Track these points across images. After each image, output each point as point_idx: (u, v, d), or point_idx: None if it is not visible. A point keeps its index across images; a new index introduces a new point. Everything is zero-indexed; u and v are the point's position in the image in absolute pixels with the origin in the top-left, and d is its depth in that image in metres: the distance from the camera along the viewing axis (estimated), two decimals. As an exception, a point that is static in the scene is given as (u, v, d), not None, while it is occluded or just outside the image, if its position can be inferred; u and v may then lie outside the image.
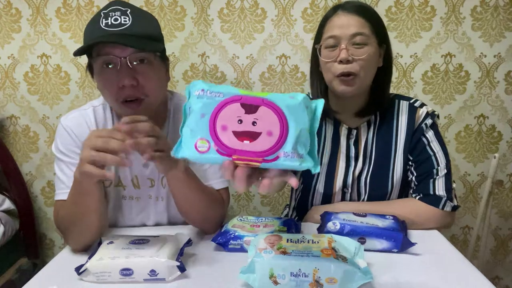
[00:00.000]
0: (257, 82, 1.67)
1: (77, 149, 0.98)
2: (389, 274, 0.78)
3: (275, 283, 0.70)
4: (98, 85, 0.93)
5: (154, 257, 0.76)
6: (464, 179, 1.73)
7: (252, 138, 0.55)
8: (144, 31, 0.89)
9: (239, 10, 1.60)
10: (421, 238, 0.91)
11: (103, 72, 0.89)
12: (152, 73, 0.92)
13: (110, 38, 0.85)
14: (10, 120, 1.76)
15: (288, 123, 0.55)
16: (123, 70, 0.87)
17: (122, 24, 0.86)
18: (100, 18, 0.87)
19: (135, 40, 0.86)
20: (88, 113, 1.01)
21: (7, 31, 1.66)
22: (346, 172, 1.10)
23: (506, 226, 1.77)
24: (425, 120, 1.05)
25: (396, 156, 1.07)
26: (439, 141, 1.05)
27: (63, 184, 0.96)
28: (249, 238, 0.87)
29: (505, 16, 1.54)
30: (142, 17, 0.90)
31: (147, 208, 1.08)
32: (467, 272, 0.79)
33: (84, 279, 0.78)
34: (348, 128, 1.10)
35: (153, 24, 0.94)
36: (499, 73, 1.60)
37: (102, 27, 0.86)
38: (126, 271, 0.76)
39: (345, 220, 0.90)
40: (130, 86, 0.88)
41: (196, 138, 0.57)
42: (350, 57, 0.96)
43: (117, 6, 0.88)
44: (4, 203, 1.66)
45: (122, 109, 0.92)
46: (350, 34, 0.96)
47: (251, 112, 0.56)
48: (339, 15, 0.99)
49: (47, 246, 1.92)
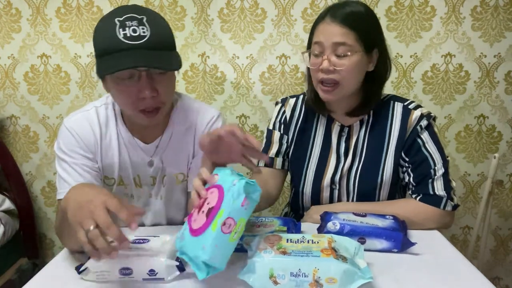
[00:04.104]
0: (257, 82, 1.67)
1: (81, 150, 0.98)
2: (389, 274, 0.78)
3: (275, 283, 0.70)
4: (113, 92, 0.93)
5: (153, 257, 0.77)
6: (464, 179, 1.73)
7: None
8: (162, 41, 0.88)
9: (239, 10, 1.60)
10: (421, 238, 0.91)
11: (121, 82, 0.88)
12: (170, 82, 0.93)
13: (137, 56, 0.83)
14: (10, 120, 1.76)
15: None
16: (143, 81, 0.87)
17: (142, 37, 0.84)
18: (115, 27, 0.84)
19: (159, 57, 0.85)
20: (91, 114, 1.01)
21: (7, 31, 1.67)
22: (335, 168, 1.11)
23: (506, 226, 1.77)
24: (419, 122, 1.04)
25: (387, 155, 1.07)
26: (434, 142, 1.04)
27: (66, 183, 0.96)
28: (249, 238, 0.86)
29: (505, 16, 1.54)
30: (157, 24, 0.88)
31: (147, 207, 1.08)
32: (467, 272, 0.79)
33: (84, 278, 0.78)
34: (340, 125, 1.12)
35: (167, 30, 0.92)
36: (499, 73, 1.60)
37: (121, 39, 0.83)
38: (125, 270, 0.76)
39: (345, 220, 0.90)
40: (151, 97, 0.88)
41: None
42: (332, 67, 0.98)
43: (132, 13, 0.86)
44: (4, 203, 1.66)
45: (139, 118, 0.93)
46: (333, 43, 0.97)
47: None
48: (325, 22, 0.99)
49: (47, 246, 1.92)
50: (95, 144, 0.99)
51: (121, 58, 0.83)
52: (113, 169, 1.02)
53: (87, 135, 0.98)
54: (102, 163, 1.01)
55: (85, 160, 0.98)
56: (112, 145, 1.01)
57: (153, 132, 1.03)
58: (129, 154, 1.02)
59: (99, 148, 1.00)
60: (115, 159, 1.01)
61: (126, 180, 1.04)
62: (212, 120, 1.07)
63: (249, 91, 1.69)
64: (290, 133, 1.18)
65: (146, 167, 1.04)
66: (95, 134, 0.99)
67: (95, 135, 0.99)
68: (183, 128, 1.05)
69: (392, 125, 1.07)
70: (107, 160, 1.01)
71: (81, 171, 0.96)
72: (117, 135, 1.01)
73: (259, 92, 1.69)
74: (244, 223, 0.72)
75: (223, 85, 1.69)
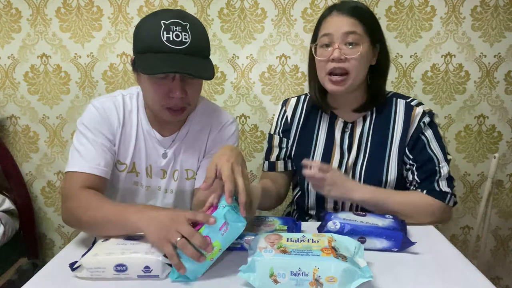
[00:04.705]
0: (257, 82, 1.68)
1: (104, 129, 1.03)
2: (389, 273, 0.78)
3: (275, 282, 0.70)
4: (145, 86, 0.99)
5: (148, 254, 0.77)
6: (464, 179, 1.73)
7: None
8: (201, 48, 0.96)
9: (239, 10, 1.61)
10: (421, 238, 0.91)
11: (155, 80, 0.95)
12: (199, 86, 1.01)
13: (176, 61, 0.90)
14: (10, 120, 1.76)
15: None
16: (176, 83, 0.94)
17: (183, 43, 0.91)
18: (160, 29, 0.90)
19: (196, 65, 0.92)
20: (118, 99, 1.07)
21: (7, 31, 1.67)
22: (340, 163, 1.12)
23: (506, 226, 1.77)
24: (422, 118, 1.06)
25: (391, 150, 1.08)
26: (437, 140, 1.06)
27: (81, 157, 0.99)
28: (249, 237, 0.87)
29: (505, 16, 1.54)
30: (198, 32, 0.95)
31: (155, 199, 1.12)
32: (467, 272, 0.79)
33: (78, 275, 0.78)
34: (344, 122, 1.13)
35: (206, 38, 0.99)
36: (499, 73, 1.60)
37: (164, 41, 0.90)
38: (120, 267, 0.76)
39: (345, 220, 0.90)
40: (180, 98, 0.95)
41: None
42: (343, 56, 1.01)
43: (178, 19, 0.92)
44: (4, 203, 1.66)
45: (164, 114, 1.00)
46: (343, 32, 1.01)
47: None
48: (333, 15, 1.04)
49: (47, 246, 1.92)
50: (117, 128, 1.05)
51: (160, 60, 0.90)
52: (128, 154, 1.07)
53: (112, 117, 1.04)
54: (119, 147, 1.06)
55: (105, 140, 1.02)
56: (132, 132, 1.07)
57: (171, 127, 1.09)
58: (145, 143, 1.08)
59: (119, 132, 1.05)
60: (132, 145, 1.07)
61: (138, 168, 1.08)
62: (227, 124, 1.13)
63: (249, 91, 1.69)
64: (292, 132, 1.19)
65: (160, 158, 1.09)
66: (119, 118, 1.05)
67: (119, 119, 1.05)
68: (199, 127, 1.11)
69: (396, 121, 1.09)
70: (124, 145, 1.06)
71: (100, 150, 1.00)
72: (137, 124, 1.07)
73: (259, 92, 1.69)
74: (219, 247, 0.76)
75: (223, 85, 1.69)
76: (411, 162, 1.07)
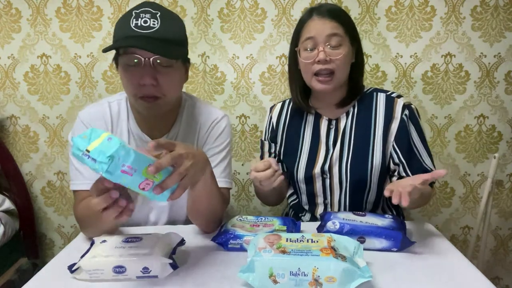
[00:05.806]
0: (257, 82, 1.68)
1: None
2: (388, 273, 0.78)
3: (275, 282, 0.70)
4: (121, 79, 0.99)
5: (147, 255, 0.77)
6: (464, 179, 1.73)
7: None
8: (170, 35, 0.93)
9: (239, 10, 1.60)
10: (420, 237, 0.91)
11: (127, 69, 0.94)
12: (172, 75, 0.97)
13: (138, 41, 0.90)
14: (10, 120, 1.76)
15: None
16: (145, 69, 0.93)
17: (150, 27, 0.91)
18: (131, 17, 0.91)
19: (160, 46, 0.90)
20: (104, 107, 1.08)
21: (7, 31, 1.67)
22: (325, 158, 1.15)
23: (506, 226, 1.77)
24: (404, 110, 1.10)
25: (375, 141, 1.12)
26: (420, 137, 1.11)
27: (81, 175, 1.01)
28: (249, 237, 0.87)
29: (505, 16, 1.54)
30: (170, 21, 0.94)
31: (151, 203, 1.11)
32: (467, 272, 0.79)
33: (77, 277, 0.78)
34: (328, 119, 1.17)
35: (179, 28, 0.98)
36: (499, 73, 1.60)
37: (131, 27, 0.90)
38: (119, 268, 0.76)
39: (344, 220, 0.90)
40: (150, 84, 0.93)
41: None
42: (328, 58, 1.05)
43: (148, 8, 0.93)
44: (4, 203, 1.66)
45: (138, 104, 0.98)
46: (326, 35, 1.05)
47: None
48: (314, 19, 1.08)
49: (47, 246, 1.92)
50: None
51: (123, 41, 0.91)
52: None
53: (99, 127, 1.03)
54: None
55: None
56: (122, 138, 1.05)
57: (161, 129, 1.08)
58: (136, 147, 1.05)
59: None
60: None
61: None
62: (215, 121, 1.12)
63: (249, 91, 1.69)
64: (279, 137, 1.24)
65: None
66: (107, 126, 1.06)
67: (107, 127, 1.06)
68: (188, 127, 1.10)
69: (377, 114, 1.13)
70: None
71: None
72: (127, 128, 1.07)
73: (259, 92, 1.69)
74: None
75: (223, 85, 1.69)
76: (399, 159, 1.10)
